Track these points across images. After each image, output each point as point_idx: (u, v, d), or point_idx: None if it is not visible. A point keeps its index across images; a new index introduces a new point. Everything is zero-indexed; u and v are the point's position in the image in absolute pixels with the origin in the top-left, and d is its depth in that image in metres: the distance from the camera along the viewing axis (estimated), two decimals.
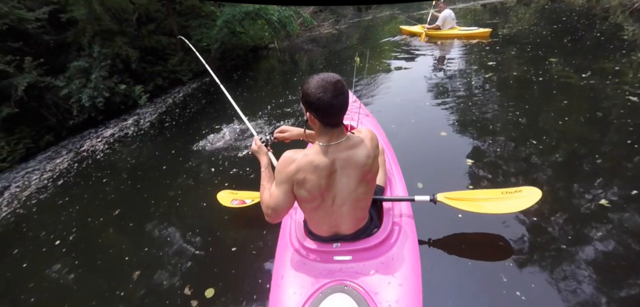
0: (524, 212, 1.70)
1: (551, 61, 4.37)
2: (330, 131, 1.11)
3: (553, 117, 3.06)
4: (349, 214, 1.25)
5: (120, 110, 7.01)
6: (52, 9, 6.63)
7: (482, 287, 1.53)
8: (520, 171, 2.46)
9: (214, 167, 3.61)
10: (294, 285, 1.25)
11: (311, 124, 1.15)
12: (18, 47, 6.45)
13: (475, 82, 4.28)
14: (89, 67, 6.59)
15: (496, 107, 3.49)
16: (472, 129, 3.19)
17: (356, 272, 1.23)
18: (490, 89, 3.99)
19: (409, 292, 1.16)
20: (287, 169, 1.13)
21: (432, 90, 4.37)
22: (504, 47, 5.45)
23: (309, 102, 1.06)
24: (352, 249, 1.30)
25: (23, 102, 5.71)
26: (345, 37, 10.60)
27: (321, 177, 1.12)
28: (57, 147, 6.33)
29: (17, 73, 5.65)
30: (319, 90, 1.02)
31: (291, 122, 4.35)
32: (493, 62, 4.79)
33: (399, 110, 4.02)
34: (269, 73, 8.70)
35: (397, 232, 1.39)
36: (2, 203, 4.20)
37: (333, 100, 1.02)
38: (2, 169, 6.13)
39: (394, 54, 6.93)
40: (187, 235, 2.54)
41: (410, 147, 3.05)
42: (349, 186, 1.18)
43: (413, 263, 1.29)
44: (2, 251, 2.96)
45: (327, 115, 1.07)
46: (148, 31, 8.34)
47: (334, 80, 1.03)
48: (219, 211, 2.55)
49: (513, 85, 3.97)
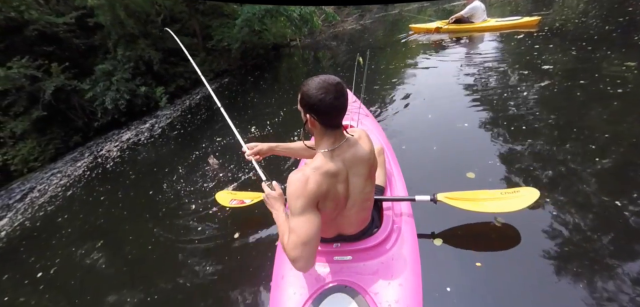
0: (524, 213, 1.65)
1: (613, 61, 3.59)
2: (332, 133, 1.08)
3: (603, 121, 2.49)
4: (357, 214, 1.24)
5: (142, 112, 7.12)
6: (80, 14, 6.86)
7: (482, 286, 1.51)
8: (559, 175, 2.06)
9: (216, 170, 3.50)
10: (294, 285, 1.25)
11: (311, 128, 1.09)
12: (51, 51, 6.78)
13: (510, 82, 3.65)
14: (113, 69, 6.75)
15: (535, 108, 2.91)
16: (501, 128, 2.72)
17: (356, 272, 1.23)
18: (528, 88, 3.37)
19: (409, 292, 1.17)
20: (309, 189, 1.00)
21: (460, 87, 3.79)
22: (549, 40, 4.67)
23: (309, 104, 1.02)
24: (353, 249, 1.29)
25: (51, 106, 5.95)
26: (369, 33, 10.07)
27: (340, 182, 1.10)
28: (83, 147, 6.57)
29: (45, 77, 5.89)
30: (320, 92, 0.99)
31: None
32: (531, 58, 4.09)
33: (419, 109, 3.59)
34: (291, 72, 8.45)
35: (397, 232, 1.39)
36: (36, 200, 4.35)
37: (335, 102, 1.00)
38: (33, 169, 6.49)
39: (410, 53, 6.32)
40: (187, 235, 2.57)
41: (428, 144, 2.83)
42: (359, 185, 1.17)
43: (413, 263, 1.29)
44: (40, 242, 3.24)
45: (329, 117, 1.04)
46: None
47: (335, 82, 1.00)
48: (219, 212, 2.60)
49: (558, 87, 3.31)
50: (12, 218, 4.07)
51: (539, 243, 1.62)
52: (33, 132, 6.29)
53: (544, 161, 2.22)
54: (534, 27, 5.47)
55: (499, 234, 1.71)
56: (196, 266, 2.22)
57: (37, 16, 5.89)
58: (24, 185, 5.65)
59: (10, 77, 5.38)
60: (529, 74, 3.66)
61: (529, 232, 1.67)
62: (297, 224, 0.99)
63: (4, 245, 3.49)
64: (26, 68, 5.51)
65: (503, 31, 5.79)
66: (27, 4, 5.67)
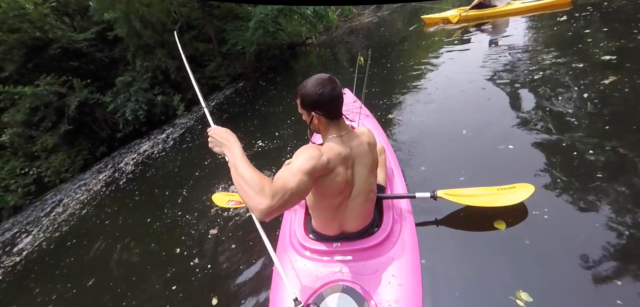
0: (525, 211, 1.68)
1: None
2: (337, 123, 1.15)
3: None
4: (361, 206, 1.24)
5: (161, 121, 7.28)
6: (101, 29, 7.12)
7: (482, 286, 1.48)
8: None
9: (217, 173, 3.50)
10: (294, 285, 1.24)
11: (317, 124, 1.15)
12: (77, 66, 7.12)
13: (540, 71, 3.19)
14: (132, 80, 6.95)
15: (584, 106, 2.48)
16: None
17: (356, 272, 1.22)
18: (559, 77, 2.91)
19: (409, 292, 1.16)
20: (322, 159, 1.01)
21: (478, 83, 3.38)
22: (581, 22, 4.07)
23: (311, 101, 1.09)
24: (353, 249, 1.29)
25: (76, 119, 6.24)
26: (386, 26, 9.62)
27: (347, 167, 1.14)
28: (109, 157, 6.85)
29: (70, 93, 6.17)
30: (318, 88, 1.07)
31: None
32: (576, 44, 3.58)
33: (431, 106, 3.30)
34: (308, 72, 8.27)
35: (397, 232, 1.38)
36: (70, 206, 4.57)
37: (333, 92, 1.08)
38: (65, 179, 6.88)
39: (427, 46, 5.84)
40: (186, 237, 2.63)
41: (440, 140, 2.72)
42: (363, 175, 1.20)
43: (413, 263, 1.28)
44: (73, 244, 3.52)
45: (331, 108, 1.11)
46: (187, 39, 8.54)
47: (327, 76, 1.10)
48: (218, 213, 2.66)
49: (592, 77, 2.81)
50: (35, 236, 4.28)
51: (537, 237, 1.58)
52: (63, 145, 6.64)
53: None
54: (566, 6, 4.86)
55: (499, 233, 1.67)
56: (196, 267, 2.24)
57: (61, 34, 6.16)
58: (56, 196, 5.98)
59: (38, 95, 5.67)
60: (567, 63, 3.18)
61: (530, 230, 1.63)
62: (295, 177, 0.91)
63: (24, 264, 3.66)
64: (51, 85, 5.78)
65: (531, 13, 5.21)
66: (51, 23, 5.94)
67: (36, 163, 6.54)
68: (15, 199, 5.89)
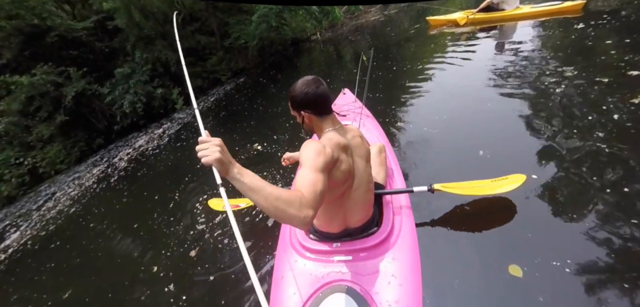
0: (525, 209, 1.72)
1: None
2: (328, 118, 1.18)
3: None
4: (363, 197, 1.26)
5: (159, 114, 7.14)
6: (101, 18, 6.97)
7: (482, 286, 1.47)
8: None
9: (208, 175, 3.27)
10: (294, 285, 1.25)
11: (309, 123, 1.19)
12: (76, 55, 6.98)
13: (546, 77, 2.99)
14: (131, 72, 6.80)
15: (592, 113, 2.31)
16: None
17: (356, 272, 1.23)
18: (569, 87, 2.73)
19: (409, 292, 1.17)
20: (327, 152, 1.03)
21: (484, 87, 3.22)
22: (599, 31, 3.83)
23: (300, 101, 1.14)
24: (352, 249, 1.29)
25: (73, 110, 6.12)
26: (392, 25, 9.36)
27: (348, 156, 1.17)
28: (105, 150, 6.73)
29: (67, 83, 6.04)
30: (304, 87, 1.14)
31: None
32: (569, 51, 3.37)
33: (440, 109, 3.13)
34: (308, 69, 8.07)
35: (397, 231, 1.39)
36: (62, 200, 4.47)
37: (317, 90, 1.14)
38: (60, 171, 6.78)
39: (433, 47, 5.63)
40: (184, 241, 2.59)
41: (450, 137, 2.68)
42: (362, 165, 1.24)
43: (413, 262, 1.29)
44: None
45: (319, 105, 1.15)
46: (189, 31, 8.37)
47: (312, 77, 1.17)
48: (214, 217, 2.65)
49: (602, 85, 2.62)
50: (23, 232, 4.18)
51: (542, 239, 1.56)
52: (59, 135, 6.54)
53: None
54: (577, 12, 4.62)
55: (499, 233, 1.69)
56: (196, 268, 2.23)
57: (59, 22, 6.01)
58: (50, 188, 5.88)
59: (34, 84, 5.55)
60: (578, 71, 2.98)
61: (530, 228, 1.63)
62: (318, 178, 0.95)
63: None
64: (48, 74, 5.65)
65: (540, 18, 4.96)
66: (49, 11, 5.80)
67: (31, 153, 6.45)
68: (9, 189, 5.81)
